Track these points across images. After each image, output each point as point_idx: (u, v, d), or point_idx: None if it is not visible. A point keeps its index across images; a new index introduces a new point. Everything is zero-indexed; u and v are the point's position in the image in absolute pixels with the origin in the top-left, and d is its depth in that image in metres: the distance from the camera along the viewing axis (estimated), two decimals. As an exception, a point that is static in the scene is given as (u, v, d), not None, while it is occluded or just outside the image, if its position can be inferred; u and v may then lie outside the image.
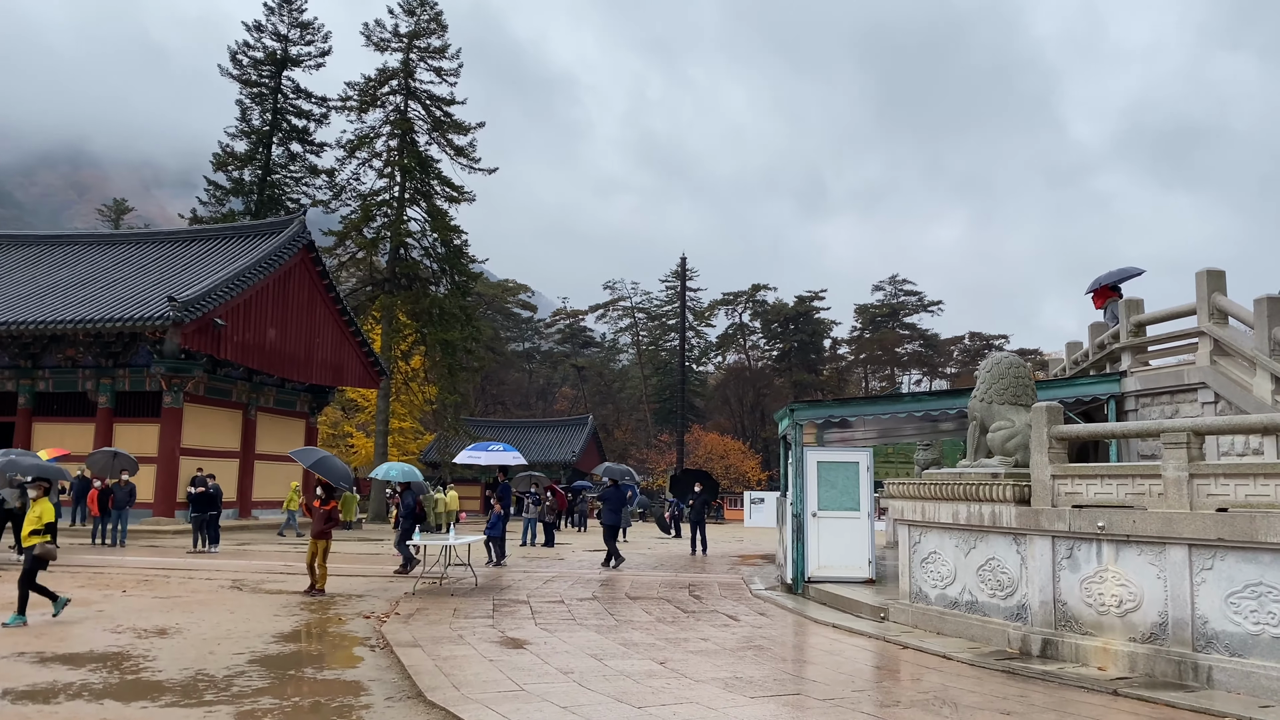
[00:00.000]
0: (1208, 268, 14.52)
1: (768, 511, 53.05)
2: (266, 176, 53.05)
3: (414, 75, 51.65)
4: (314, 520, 15.82)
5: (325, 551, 15.58)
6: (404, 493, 20.19)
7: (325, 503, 15.93)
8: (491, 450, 22.82)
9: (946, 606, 11.79)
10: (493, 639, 11.09)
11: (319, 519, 15.69)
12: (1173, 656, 8.93)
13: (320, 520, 15.68)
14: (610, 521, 21.93)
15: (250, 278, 32.65)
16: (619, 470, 26.80)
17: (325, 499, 15.98)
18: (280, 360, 35.17)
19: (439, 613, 13.26)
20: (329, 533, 15.75)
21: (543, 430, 68.79)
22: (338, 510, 16.33)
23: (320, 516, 15.74)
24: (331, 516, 15.84)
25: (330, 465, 16.57)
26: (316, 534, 15.55)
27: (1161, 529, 9.09)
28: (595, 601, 14.78)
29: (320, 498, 16.01)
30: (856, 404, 17.23)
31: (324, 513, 15.80)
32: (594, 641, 10.97)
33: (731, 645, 10.92)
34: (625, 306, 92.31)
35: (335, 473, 16.43)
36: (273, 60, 53.28)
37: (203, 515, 23.13)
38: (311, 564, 15.37)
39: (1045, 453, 10.45)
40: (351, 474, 17.33)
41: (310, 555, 15.46)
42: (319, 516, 15.73)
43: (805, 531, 15.93)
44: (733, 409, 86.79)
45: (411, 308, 48.57)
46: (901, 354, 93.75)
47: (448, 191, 50.68)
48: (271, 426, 37.23)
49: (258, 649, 10.37)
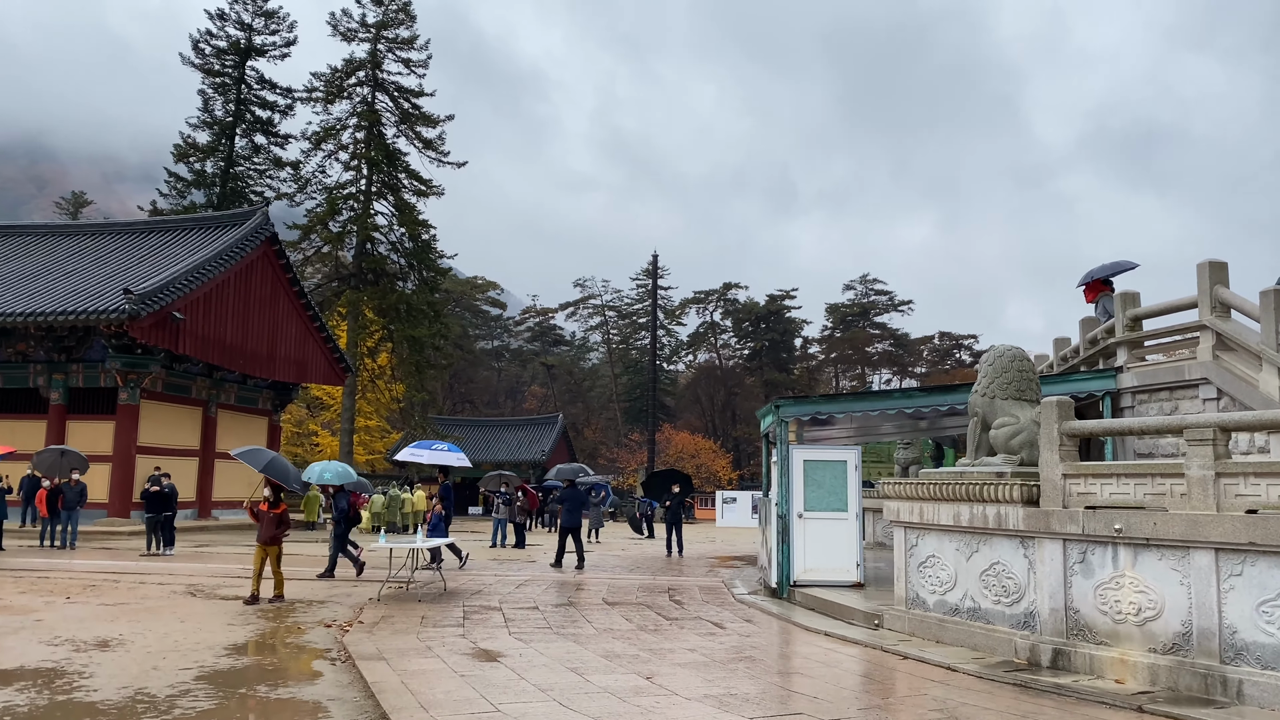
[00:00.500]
0: (1209, 259, 13.99)
1: (740, 511, 52.50)
2: (229, 169, 51.77)
3: (381, 66, 50.67)
4: (262, 525, 14.65)
5: (278, 558, 14.62)
6: (337, 494, 19.16)
7: (274, 505, 14.81)
8: (435, 449, 21.85)
9: (946, 614, 11.13)
10: (464, 651, 10.30)
11: (268, 524, 14.57)
12: (1198, 669, 8.31)
13: (270, 525, 14.57)
14: (569, 523, 21.35)
15: (210, 270, 31.54)
16: (570, 470, 26.13)
17: (274, 501, 14.87)
18: (242, 356, 34.08)
19: (406, 621, 12.44)
20: (280, 538, 14.73)
21: (512, 429, 67.79)
22: (288, 513, 15.20)
23: (270, 521, 14.60)
24: (283, 520, 14.79)
25: (281, 466, 15.41)
26: (267, 540, 14.47)
27: (1186, 532, 8.47)
28: (572, 608, 14.01)
29: (268, 500, 14.87)
30: (844, 400, 16.59)
31: (274, 517, 14.63)
32: (573, 653, 10.21)
33: (720, 657, 10.19)
34: (596, 304, 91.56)
35: (286, 474, 15.34)
36: (236, 50, 51.98)
37: (157, 516, 22.11)
38: (259, 571, 14.43)
39: (1056, 450, 9.81)
40: (301, 475, 16.18)
41: (258, 562, 14.48)
42: (268, 521, 14.60)
43: (791, 533, 15.24)
44: (703, 408, 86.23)
45: (378, 304, 47.54)
46: (872, 353, 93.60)
47: (416, 185, 49.75)
48: (233, 424, 36.09)
49: (207, 663, 9.51)
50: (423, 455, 21.80)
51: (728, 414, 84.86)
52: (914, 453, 27.28)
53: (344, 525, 18.60)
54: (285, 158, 52.80)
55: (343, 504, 18.84)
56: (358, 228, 47.96)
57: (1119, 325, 15.62)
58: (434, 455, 21.64)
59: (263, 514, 14.66)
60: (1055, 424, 9.84)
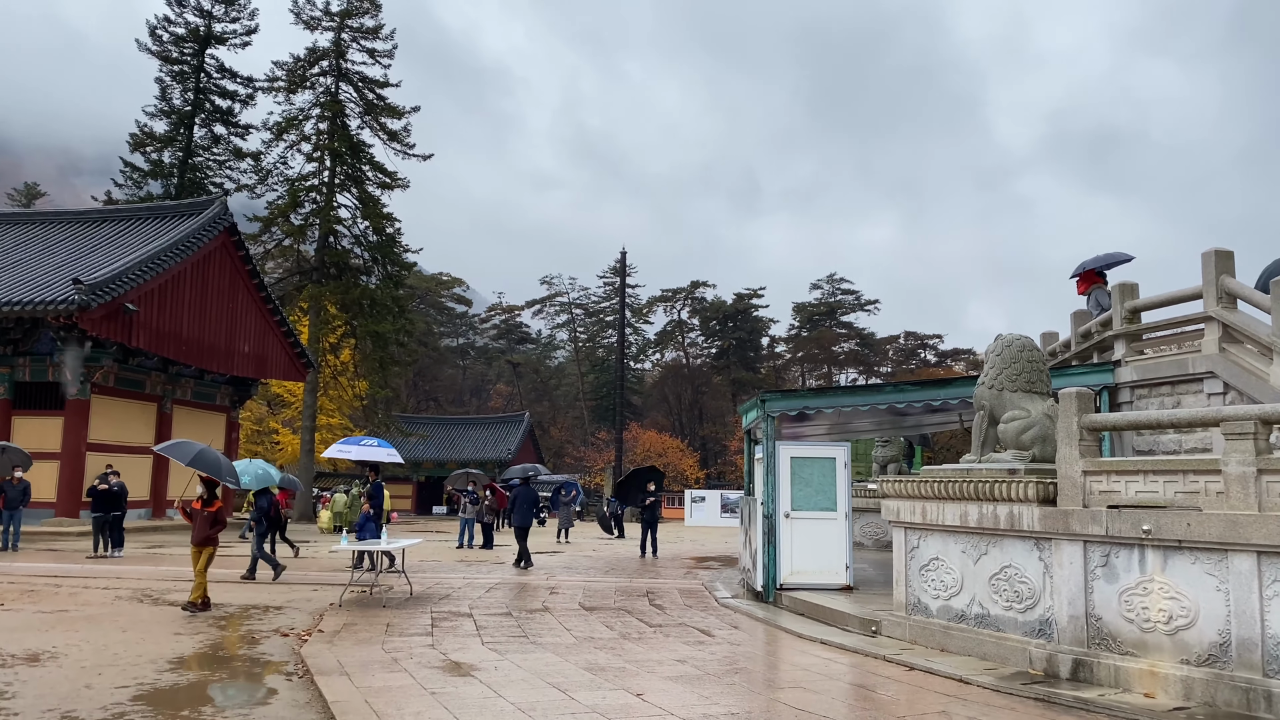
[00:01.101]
0: (1215, 248, 13.41)
1: (709, 510, 51.93)
2: (188, 159, 50.27)
3: (345, 56, 49.34)
4: (195, 525, 13.43)
5: (209, 560, 13.35)
6: (259, 494, 18.14)
7: (209, 503, 13.61)
8: (363, 445, 20.90)
9: (951, 620, 10.43)
10: (433, 663, 9.43)
11: (201, 523, 13.39)
12: (1238, 683, 7.64)
13: (204, 524, 13.36)
14: (522, 522, 20.76)
15: (166, 261, 30.34)
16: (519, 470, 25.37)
17: (208, 499, 13.67)
18: (199, 350, 32.87)
19: (369, 629, 11.54)
20: (215, 539, 13.54)
21: (478, 427, 66.74)
22: (224, 512, 13.94)
23: (204, 520, 13.42)
24: (217, 520, 13.59)
25: (211, 459, 14.02)
26: (200, 540, 13.31)
27: (1224, 534, 7.80)
28: (548, 614, 13.17)
29: (202, 497, 13.67)
30: (832, 394, 15.87)
31: (208, 515, 13.46)
32: (553, 665, 9.37)
33: (713, 669, 9.40)
34: (563, 302, 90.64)
35: (218, 467, 13.98)
36: (195, 37, 50.47)
37: (105, 516, 20.96)
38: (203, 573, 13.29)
39: (1075, 445, 9.12)
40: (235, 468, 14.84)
41: (201, 564, 13.26)
42: (202, 520, 13.41)
43: (777, 534, 14.50)
44: (671, 407, 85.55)
45: (341, 298, 46.25)
46: (838, 352, 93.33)
47: (380, 177, 48.51)
48: (189, 420, 34.80)
49: (147, 680, 8.58)
50: (351, 451, 20.85)
51: (695, 412, 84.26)
52: (892, 450, 26.68)
53: (265, 525, 17.64)
54: (246, 148, 51.40)
55: (264, 504, 17.85)
56: (320, 220, 46.65)
57: (1116, 317, 15.01)
58: (362, 451, 20.70)
59: (195, 512, 13.49)
60: (1075, 417, 9.15)
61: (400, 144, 49.34)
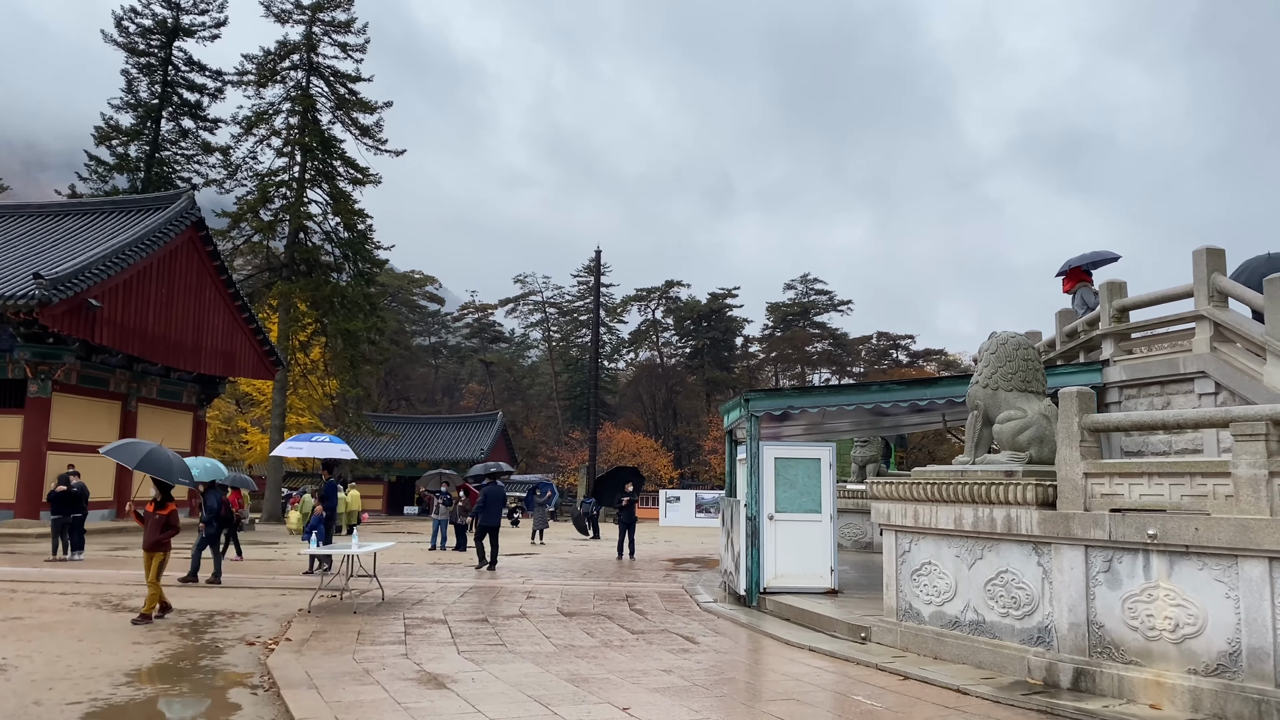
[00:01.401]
0: (1206, 245, 13.20)
1: (684, 510, 51.56)
2: (155, 153, 49.22)
3: (317, 50, 48.56)
4: (147, 529, 12.61)
5: (161, 566, 12.53)
6: (207, 492, 17.42)
7: (161, 505, 12.79)
8: (315, 441, 20.29)
9: (945, 626, 10.10)
10: (407, 675, 8.98)
11: (154, 526, 12.59)
12: (1250, 694, 7.34)
13: (155, 528, 12.53)
14: (490, 522, 20.45)
15: (131, 255, 29.53)
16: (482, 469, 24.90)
17: (161, 501, 12.84)
18: (165, 347, 32.06)
19: (340, 637, 11.07)
20: (167, 544, 12.68)
21: (450, 427, 66.06)
22: (177, 515, 13.10)
23: (155, 524, 12.61)
24: (170, 523, 12.74)
25: (161, 460, 13.10)
26: (150, 545, 12.49)
27: (1234, 539, 7.51)
28: (525, 620, 12.73)
29: (155, 500, 12.87)
30: (818, 394, 15.54)
31: (160, 519, 12.60)
32: (534, 676, 8.95)
33: (701, 679, 9.01)
34: (536, 301, 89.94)
35: (169, 467, 13.09)
36: (163, 29, 49.46)
37: (64, 518, 20.27)
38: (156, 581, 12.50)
39: (1076, 446, 8.80)
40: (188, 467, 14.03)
41: (154, 572, 12.45)
42: (154, 524, 12.62)
43: (761, 536, 14.13)
44: (645, 406, 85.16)
45: (311, 295, 45.48)
46: (811, 353, 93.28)
47: (352, 173, 47.78)
48: (155, 419, 33.98)
49: (102, 694, 8.08)
50: (302, 448, 20.29)
51: (669, 412, 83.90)
52: (871, 451, 26.45)
53: (215, 526, 17.03)
54: (214, 143, 50.39)
55: (213, 503, 17.14)
56: (290, 216, 45.88)
57: (1105, 316, 14.78)
58: (314, 448, 20.16)
59: (147, 515, 12.69)
60: (1076, 417, 8.84)
61: (372, 139, 48.65)
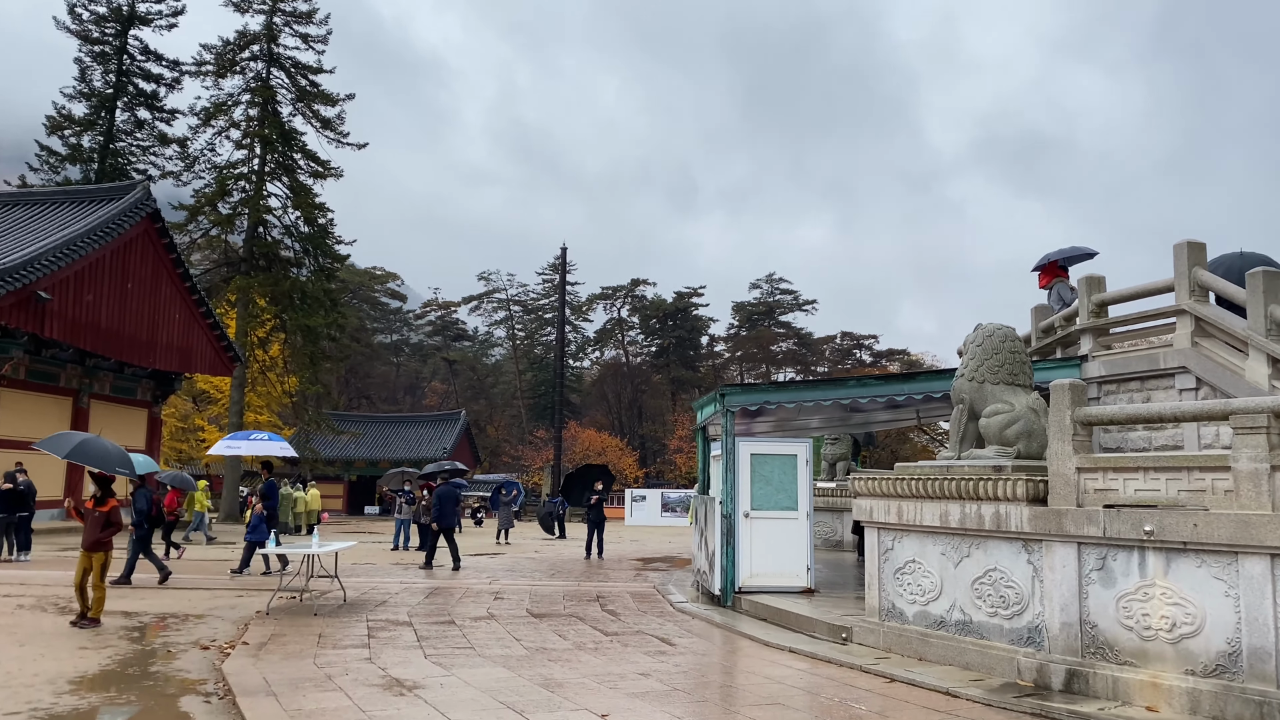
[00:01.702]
0: (1188, 239, 13.04)
1: (650, 509, 51.17)
2: (109, 144, 48.05)
3: (278, 40, 47.62)
4: (86, 527, 11.79)
5: (103, 568, 11.76)
6: (136, 492, 16.68)
7: (101, 501, 11.97)
8: (253, 440, 19.73)
9: (930, 626, 9.80)
10: (371, 680, 8.52)
11: (93, 524, 11.78)
12: (1251, 695, 7.09)
13: (95, 526, 11.69)
14: (448, 523, 20.08)
15: (83, 247, 28.65)
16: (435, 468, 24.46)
17: (101, 497, 12.02)
18: (118, 341, 31.18)
19: (300, 640, 10.57)
20: (109, 542, 11.85)
21: (412, 426, 65.21)
22: (119, 512, 12.25)
23: (95, 521, 11.82)
24: (111, 520, 11.92)
25: (95, 450, 12.26)
26: (90, 545, 11.65)
27: (1234, 535, 7.26)
28: (493, 621, 12.29)
29: (95, 496, 12.06)
30: (795, 389, 15.22)
31: (100, 515, 11.77)
32: (505, 681, 8.53)
33: (681, 683, 8.64)
34: (501, 299, 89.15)
35: (106, 458, 12.27)
36: (118, 17, 48.28)
37: (10, 517, 19.48)
38: (81, 585, 11.65)
39: (1069, 440, 8.54)
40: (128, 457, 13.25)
41: (79, 573, 11.67)
42: (93, 521, 11.81)
43: (736, 534, 13.79)
44: (610, 405, 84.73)
45: (271, 291, 44.55)
46: (776, 352, 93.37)
47: (313, 166, 46.87)
48: (108, 416, 33.06)
49: (43, 705, 7.55)
50: (240, 447, 19.72)
51: (634, 411, 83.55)
52: (841, 448, 26.30)
53: (147, 527, 16.38)
54: (171, 134, 49.20)
55: (142, 503, 16.46)
56: (249, 210, 44.94)
57: (1083, 311, 14.60)
58: (252, 446, 19.59)
59: (87, 512, 11.86)
60: (1068, 410, 8.57)
61: (334, 132, 47.82)
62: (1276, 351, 11.27)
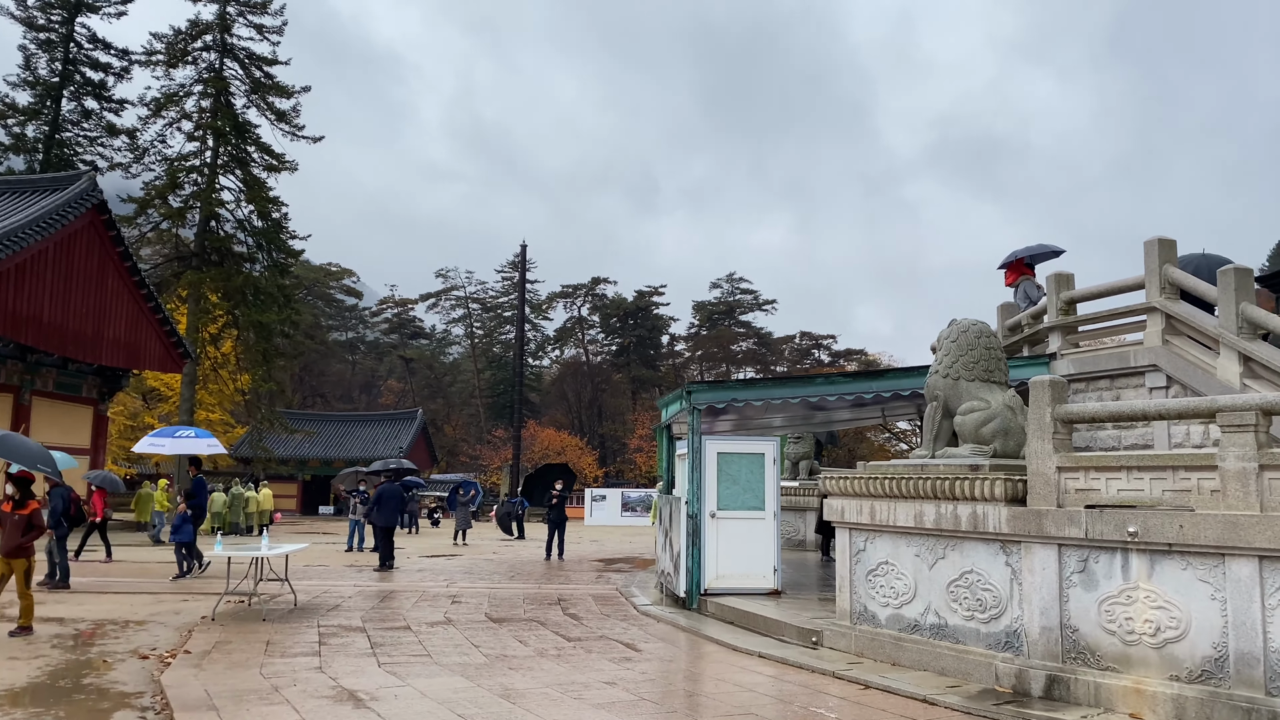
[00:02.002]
0: (1158, 236, 12.90)
1: (610, 509, 50.81)
2: (55, 134, 46.68)
3: (231, 30, 46.51)
4: (6, 531, 10.92)
5: (28, 575, 11.00)
6: (52, 491, 16.07)
7: (20, 504, 11.17)
8: (179, 437, 19.10)
9: (903, 630, 9.51)
10: (322, 692, 8.06)
11: (13, 529, 10.97)
12: (1238, 702, 6.86)
13: (15, 530, 10.86)
14: (387, 522, 19.82)
15: (23, 238, 27.68)
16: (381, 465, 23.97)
17: (20, 498, 11.22)
18: (61, 336, 30.20)
19: (246, 649, 10.06)
20: (30, 548, 11.06)
21: (368, 424, 64.25)
22: (41, 514, 11.50)
23: (15, 525, 10.86)
24: (33, 523, 11.15)
25: (16, 446, 11.51)
26: (9, 551, 10.85)
27: (1221, 536, 7.03)
28: (451, 627, 11.83)
29: (12, 497, 11.23)
30: (763, 386, 14.88)
31: (20, 519, 10.95)
32: (464, 692, 8.10)
33: (648, 692, 8.26)
34: (459, 296, 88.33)
35: (29, 455, 11.51)
36: (65, 4, 46.89)
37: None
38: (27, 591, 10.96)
39: (1049, 439, 8.28)
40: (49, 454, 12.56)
41: (20, 581, 10.94)
42: (13, 525, 11.00)
43: (702, 535, 13.45)
44: (570, 404, 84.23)
45: (223, 286, 43.52)
46: (737, 351, 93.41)
47: (267, 159, 45.85)
48: (51, 413, 32.08)
49: (-36, 722, 7.02)
50: (164, 445, 19.07)
51: (594, 410, 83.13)
52: (804, 447, 26.12)
53: (65, 528, 15.72)
54: (120, 125, 47.95)
55: (57, 504, 15.81)
56: (201, 203, 43.86)
57: (1052, 309, 14.44)
58: (178, 444, 18.96)
59: (5, 516, 11.03)
60: (1049, 408, 8.32)
61: (289, 125, 46.80)
62: (1248, 350, 11.13)
